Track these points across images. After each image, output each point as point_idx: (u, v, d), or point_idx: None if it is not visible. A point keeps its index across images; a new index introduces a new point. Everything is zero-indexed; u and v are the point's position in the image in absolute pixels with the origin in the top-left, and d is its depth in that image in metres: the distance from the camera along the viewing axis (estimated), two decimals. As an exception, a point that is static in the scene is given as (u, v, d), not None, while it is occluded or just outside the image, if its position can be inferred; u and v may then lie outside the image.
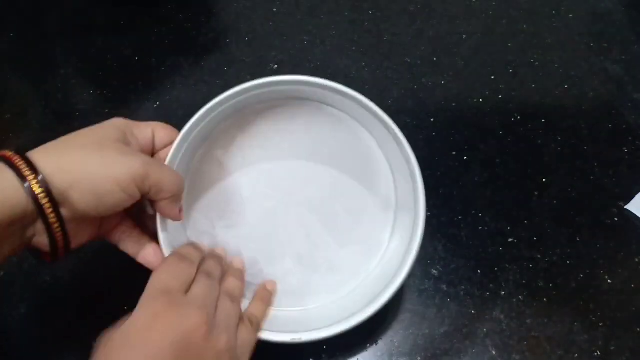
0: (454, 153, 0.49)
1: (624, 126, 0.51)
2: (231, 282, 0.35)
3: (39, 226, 0.29)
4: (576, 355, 0.40)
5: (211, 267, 0.35)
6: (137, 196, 0.31)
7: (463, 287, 0.43)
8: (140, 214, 0.36)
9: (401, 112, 0.51)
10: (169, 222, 0.36)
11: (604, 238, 0.45)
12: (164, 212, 0.34)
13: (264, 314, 0.37)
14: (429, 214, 0.46)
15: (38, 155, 0.29)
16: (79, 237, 0.32)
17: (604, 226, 0.45)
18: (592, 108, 0.52)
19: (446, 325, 0.41)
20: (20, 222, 0.28)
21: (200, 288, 0.32)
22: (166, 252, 0.35)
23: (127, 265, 0.35)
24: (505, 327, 0.41)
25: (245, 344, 0.33)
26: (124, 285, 0.34)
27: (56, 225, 0.29)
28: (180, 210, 0.35)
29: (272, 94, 0.38)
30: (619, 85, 0.53)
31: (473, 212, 0.46)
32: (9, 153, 0.28)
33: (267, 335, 0.35)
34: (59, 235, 0.29)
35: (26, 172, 0.27)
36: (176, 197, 0.34)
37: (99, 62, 0.56)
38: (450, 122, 0.51)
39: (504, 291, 0.43)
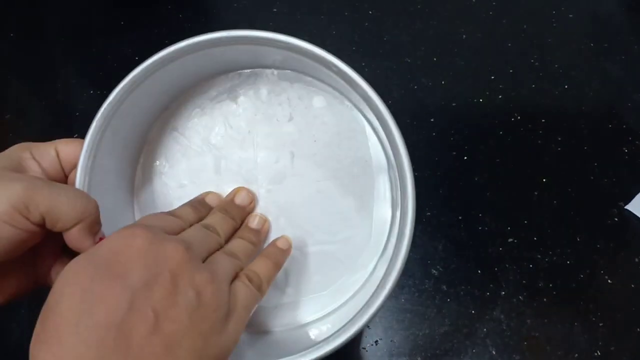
0: (454, 153, 0.49)
1: (624, 126, 0.51)
2: (235, 243, 0.31)
3: None
4: (576, 355, 0.40)
5: (214, 220, 0.31)
6: (32, 228, 0.25)
7: (463, 287, 0.43)
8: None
9: (401, 112, 0.51)
10: None
11: (604, 238, 0.45)
12: (74, 245, 0.27)
13: (269, 274, 0.30)
14: (428, 214, 0.46)
15: None
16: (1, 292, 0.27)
17: (604, 226, 0.45)
18: (592, 108, 0.52)
19: (446, 325, 0.41)
20: None
21: (189, 232, 0.28)
22: None
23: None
24: (505, 327, 0.41)
25: (239, 301, 0.27)
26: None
27: None
28: (99, 242, 0.27)
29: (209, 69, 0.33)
30: (619, 85, 0.53)
31: (473, 212, 0.46)
32: None
33: None
34: None
35: None
36: (86, 226, 0.26)
37: (99, 62, 0.56)
38: (450, 122, 0.51)
39: (504, 291, 0.43)
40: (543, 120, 0.51)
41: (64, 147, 0.30)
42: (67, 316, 0.22)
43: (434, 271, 0.43)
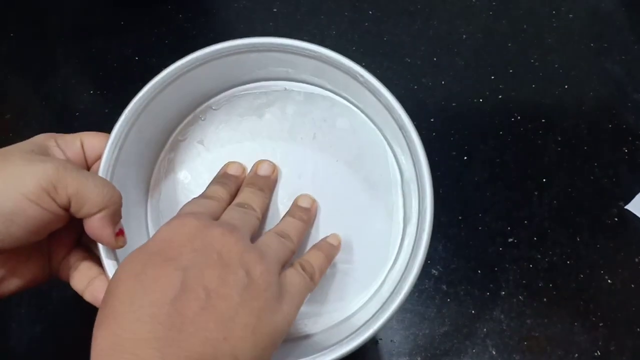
0: (454, 153, 0.49)
1: (624, 126, 0.51)
2: (285, 221, 0.32)
3: None
4: (576, 355, 0.40)
5: (246, 197, 0.31)
6: (58, 210, 0.26)
7: (463, 287, 0.43)
8: (93, 241, 0.30)
9: (401, 112, 0.51)
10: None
11: (604, 238, 0.45)
12: (94, 233, 0.27)
13: (322, 266, 0.31)
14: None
15: None
16: (14, 281, 0.28)
17: (604, 226, 0.45)
18: (592, 108, 0.52)
19: (446, 325, 0.41)
20: None
21: (229, 215, 0.29)
22: None
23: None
24: (505, 327, 0.41)
25: (293, 285, 0.27)
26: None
27: None
28: (120, 234, 0.28)
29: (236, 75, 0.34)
30: (619, 85, 0.53)
31: (473, 212, 0.46)
32: None
33: None
34: None
35: None
36: (109, 214, 0.27)
37: (99, 62, 0.56)
38: (450, 122, 0.51)
39: (504, 291, 0.43)
40: (543, 120, 0.51)
41: (89, 139, 0.31)
42: (123, 298, 0.23)
43: (434, 271, 0.43)
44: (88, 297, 0.30)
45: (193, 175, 0.37)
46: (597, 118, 0.51)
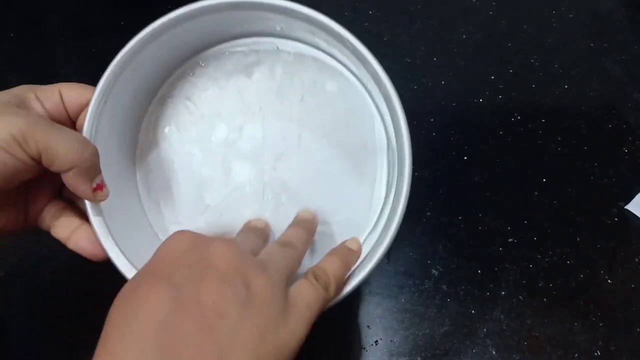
0: (454, 153, 0.49)
1: (624, 126, 0.51)
2: (288, 231, 0.30)
3: None
4: (576, 355, 0.40)
5: (251, 226, 0.32)
6: (28, 161, 0.25)
7: (463, 287, 0.43)
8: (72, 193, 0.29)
9: (401, 112, 0.51)
10: (110, 203, 0.30)
11: (604, 238, 0.45)
12: (71, 188, 0.27)
13: (339, 273, 0.28)
14: (428, 214, 0.46)
15: None
16: None
17: (604, 226, 0.45)
18: (592, 108, 0.52)
19: (446, 325, 0.41)
20: None
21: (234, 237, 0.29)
22: (103, 236, 0.29)
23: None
24: (505, 327, 0.41)
25: (302, 298, 0.25)
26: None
27: None
28: (98, 188, 0.28)
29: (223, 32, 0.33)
30: (619, 85, 0.53)
31: (473, 212, 0.46)
32: None
33: None
34: None
35: None
36: (82, 171, 0.27)
37: (99, 62, 0.56)
38: (450, 122, 0.51)
39: (504, 291, 0.43)
40: (543, 120, 0.51)
41: (67, 90, 0.30)
42: (113, 324, 0.22)
43: (434, 271, 0.43)
44: (72, 245, 0.30)
45: (180, 130, 0.36)
46: (597, 118, 0.51)
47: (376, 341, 0.41)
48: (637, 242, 0.45)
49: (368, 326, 0.41)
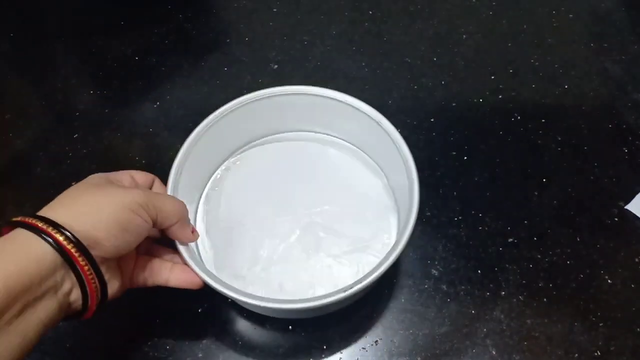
0: (454, 153, 0.49)
1: (624, 126, 0.51)
2: None
3: (72, 280, 0.29)
4: (576, 355, 0.40)
5: None
6: (149, 221, 0.32)
7: (463, 287, 0.43)
8: (147, 248, 0.37)
9: (401, 112, 0.51)
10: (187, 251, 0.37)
11: (604, 238, 0.45)
12: (177, 236, 0.35)
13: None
14: (428, 214, 0.46)
15: (47, 211, 0.29)
16: (112, 284, 0.32)
17: (604, 226, 0.45)
18: (592, 108, 0.52)
19: (446, 325, 0.41)
20: (51, 277, 0.27)
21: None
22: (197, 268, 0.35)
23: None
24: (505, 327, 0.41)
25: None
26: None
27: (87, 268, 0.29)
28: (193, 231, 0.37)
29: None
30: (619, 85, 0.53)
31: (473, 212, 0.46)
32: (19, 218, 0.29)
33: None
34: (91, 280, 0.29)
35: (43, 226, 0.28)
36: (185, 220, 0.35)
37: (99, 62, 0.56)
38: (450, 122, 0.51)
39: (504, 291, 0.43)
40: (543, 120, 0.51)
41: (136, 174, 0.37)
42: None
43: (434, 271, 0.43)
44: (173, 283, 0.36)
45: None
46: (597, 118, 0.51)
47: (376, 341, 0.41)
48: (637, 242, 0.45)
49: (368, 326, 0.41)
